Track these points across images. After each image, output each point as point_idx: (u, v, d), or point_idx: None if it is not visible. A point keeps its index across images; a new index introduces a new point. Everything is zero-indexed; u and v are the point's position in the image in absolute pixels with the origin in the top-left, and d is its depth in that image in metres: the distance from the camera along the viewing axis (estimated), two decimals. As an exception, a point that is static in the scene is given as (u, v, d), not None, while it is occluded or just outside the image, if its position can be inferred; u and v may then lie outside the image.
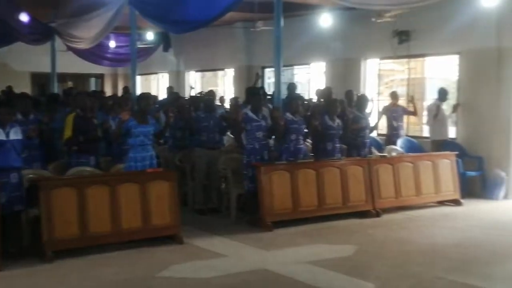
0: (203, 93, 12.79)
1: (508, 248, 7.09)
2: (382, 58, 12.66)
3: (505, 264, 6.33)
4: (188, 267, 6.28)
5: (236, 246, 7.11)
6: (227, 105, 13.85)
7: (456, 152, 9.94)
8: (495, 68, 10.23)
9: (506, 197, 10.16)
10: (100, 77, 20.61)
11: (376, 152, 9.79)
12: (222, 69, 16.99)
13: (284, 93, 10.87)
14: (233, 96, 14.32)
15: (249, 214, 8.23)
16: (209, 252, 6.80)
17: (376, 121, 10.78)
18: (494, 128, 10.30)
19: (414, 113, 11.56)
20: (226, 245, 7.16)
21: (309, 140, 9.35)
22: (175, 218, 7.14)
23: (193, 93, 15.08)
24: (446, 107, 11.02)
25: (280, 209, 8.03)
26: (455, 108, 10.92)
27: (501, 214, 9.08)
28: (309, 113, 9.21)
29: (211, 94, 11.30)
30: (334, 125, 8.78)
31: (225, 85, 17.17)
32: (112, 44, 16.27)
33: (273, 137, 8.48)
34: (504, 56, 10.14)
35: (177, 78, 17.82)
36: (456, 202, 9.55)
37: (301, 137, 8.62)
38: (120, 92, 16.56)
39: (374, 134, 10.96)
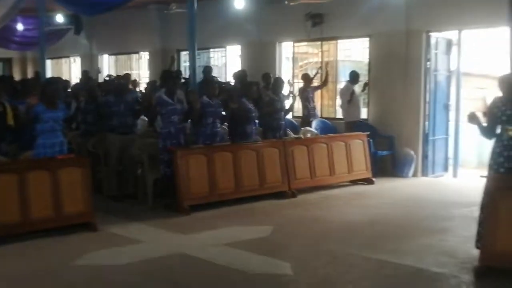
0: (112, 76, 12.47)
1: (416, 222, 7.39)
2: (296, 41, 12.81)
3: (414, 238, 6.59)
4: (104, 254, 6.15)
5: (153, 232, 7.03)
6: (142, 89, 13.61)
7: (368, 133, 10.22)
8: (404, 50, 10.59)
9: (414, 174, 10.59)
10: (7, 61, 19.70)
11: (291, 134, 9.92)
12: (137, 52, 16.64)
13: (200, 76, 10.82)
14: (148, 79, 14.07)
15: (166, 199, 8.15)
16: (125, 239, 6.68)
17: (291, 103, 10.93)
18: (404, 109, 10.68)
19: (324, 82, 11.81)
20: (143, 230, 7.05)
21: (226, 123, 9.34)
22: (89, 205, 6.94)
23: (102, 77, 14.69)
24: (358, 87, 11.32)
25: (197, 193, 7.99)
26: (365, 86, 11.25)
27: (410, 191, 9.46)
28: (226, 97, 9.20)
29: (126, 77, 11.06)
30: (253, 108, 8.82)
31: (140, 69, 16.85)
32: (19, 27, 15.59)
33: (190, 120, 8.42)
34: (412, 38, 10.50)
35: (90, 61, 17.30)
36: (368, 181, 9.85)
37: (217, 121, 8.59)
38: (30, 77, 15.93)
39: (289, 116, 11.11)
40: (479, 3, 9.43)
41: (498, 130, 5.68)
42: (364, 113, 11.50)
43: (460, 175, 10.84)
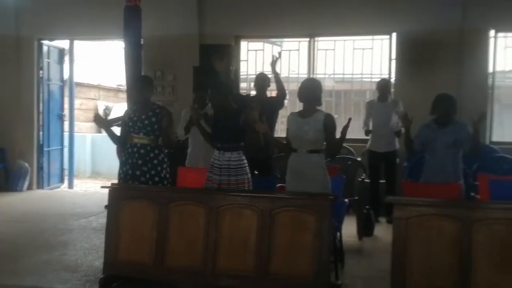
0: None
1: (34, 239, 7.02)
2: None
3: (33, 256, 6.23)
4: None
5: None
6: None
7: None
8: (15, 56, 10.12)
9: (30, 187, 10.22)
10: None
11: None
12: None
13: None
14: None
15: None
16: None
17: None
18: (17, 119, 10.23)
19: None
20: None
21: None
22: None
23: None
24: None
25: None
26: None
27: (26, 205, 9.05)
28: None
29: None
30: None
31: None
32: None
33: None
34: (23, 45, 10.13)
35: None
36: (-22, 198, 9.08)
37: None
38: None
39: None
40: (92, 15, 9.59)
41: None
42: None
43: (76, 186, 10.86)
